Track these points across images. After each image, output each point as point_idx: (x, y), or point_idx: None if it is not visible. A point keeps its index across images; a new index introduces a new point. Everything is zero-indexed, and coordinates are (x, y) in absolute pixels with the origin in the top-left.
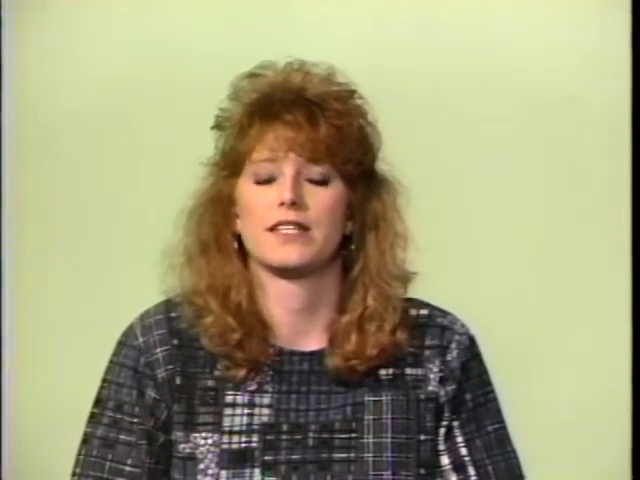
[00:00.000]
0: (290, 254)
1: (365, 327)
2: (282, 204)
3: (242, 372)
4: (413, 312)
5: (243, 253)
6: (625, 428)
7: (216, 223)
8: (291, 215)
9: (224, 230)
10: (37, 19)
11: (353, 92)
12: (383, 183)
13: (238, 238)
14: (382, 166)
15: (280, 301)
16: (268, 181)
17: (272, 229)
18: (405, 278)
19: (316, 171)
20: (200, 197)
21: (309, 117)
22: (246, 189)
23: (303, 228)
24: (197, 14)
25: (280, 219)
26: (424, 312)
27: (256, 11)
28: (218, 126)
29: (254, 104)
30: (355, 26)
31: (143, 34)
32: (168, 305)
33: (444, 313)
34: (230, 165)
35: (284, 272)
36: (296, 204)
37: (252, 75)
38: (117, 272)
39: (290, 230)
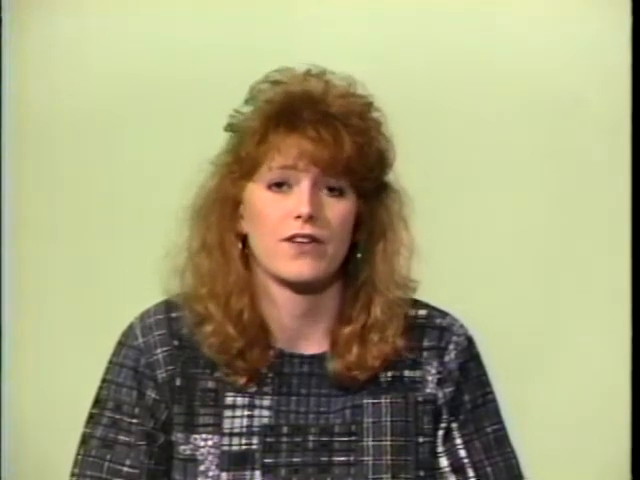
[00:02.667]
0: (303, 268)
1: (368, 337)
2: (298, 217)
3: (242, 380)
4: (412, 313)
5: (246, 255)
6: (624, 428)
7: (221, 225)
8: (307, 229)
9: (228, 232)
10: (37, 19)
11: (371, 105)
12: (390, 193)
13: (242, 239)
14: (389, 175)
15: (283, 307)
16: (282, 186)
17: (286, 240)
18: (408, 287)
19: (333, 182)
20: (205, 198)
21: (333, 133)
22: (258, 195)
23: (317, 241)
24: (198, 12)
25: (296, 232)
26: (422, 313)
27: (257, 9)
28: (232, 128)
29: (276, 115)
30: (355, 26)
31: (143, 33)
32: (168, 305)
33: (442, 314)
34: (243, 168)
35: (292, 284)
36: (313, 217)
37: (273, 82)
38: (117, 271)
39: (305, 243)
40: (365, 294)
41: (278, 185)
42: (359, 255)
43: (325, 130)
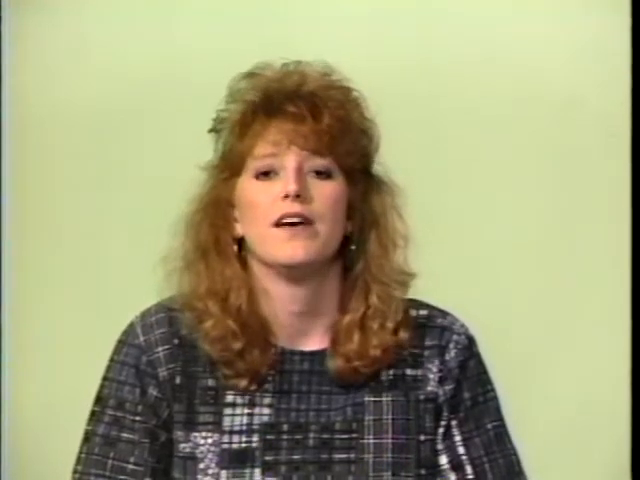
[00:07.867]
0: (296, 250)
1: (367, 326)
2: (286, 197)
3: (243, 382)
4: (413, 313)
5: (242, 257)
6: (624, 428)
7: (215, 226)
8: (296, 207)
9: (223, 233)
10: (37, 18)
11: (349, 87)
12: (380, 184)
13: (238, 242)
14: (377, 167)
15: (282, 304)
16: (269, 174)
17: (277, 224)
18: (406, 277)
19: (319, 163)
20: (199, 201)
21: (311, 108)
22: (247, 186)
23: (307, 222)
24: (197, 12)
25: (285, 211)
26: (423, 313)
27: (258, 9)
28: (216, 129)
29: (254, 102)
30: (354, 25)
31: (143, 32)
32: (169, 304)
33: (443, 314)
34: (231, 165)
35: (288, 271)
36: (300, 196)
37: (250, 75)
38: (117, 270)
39: (295, 224)
40: (362, 284)
41: (265, 174)
42: (353, 247)
43: (302, 104)
